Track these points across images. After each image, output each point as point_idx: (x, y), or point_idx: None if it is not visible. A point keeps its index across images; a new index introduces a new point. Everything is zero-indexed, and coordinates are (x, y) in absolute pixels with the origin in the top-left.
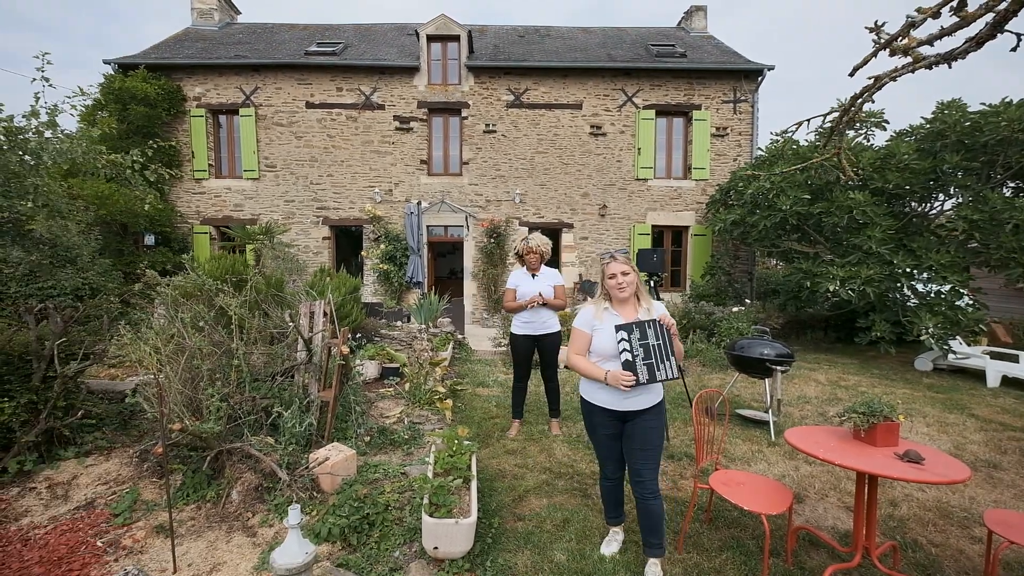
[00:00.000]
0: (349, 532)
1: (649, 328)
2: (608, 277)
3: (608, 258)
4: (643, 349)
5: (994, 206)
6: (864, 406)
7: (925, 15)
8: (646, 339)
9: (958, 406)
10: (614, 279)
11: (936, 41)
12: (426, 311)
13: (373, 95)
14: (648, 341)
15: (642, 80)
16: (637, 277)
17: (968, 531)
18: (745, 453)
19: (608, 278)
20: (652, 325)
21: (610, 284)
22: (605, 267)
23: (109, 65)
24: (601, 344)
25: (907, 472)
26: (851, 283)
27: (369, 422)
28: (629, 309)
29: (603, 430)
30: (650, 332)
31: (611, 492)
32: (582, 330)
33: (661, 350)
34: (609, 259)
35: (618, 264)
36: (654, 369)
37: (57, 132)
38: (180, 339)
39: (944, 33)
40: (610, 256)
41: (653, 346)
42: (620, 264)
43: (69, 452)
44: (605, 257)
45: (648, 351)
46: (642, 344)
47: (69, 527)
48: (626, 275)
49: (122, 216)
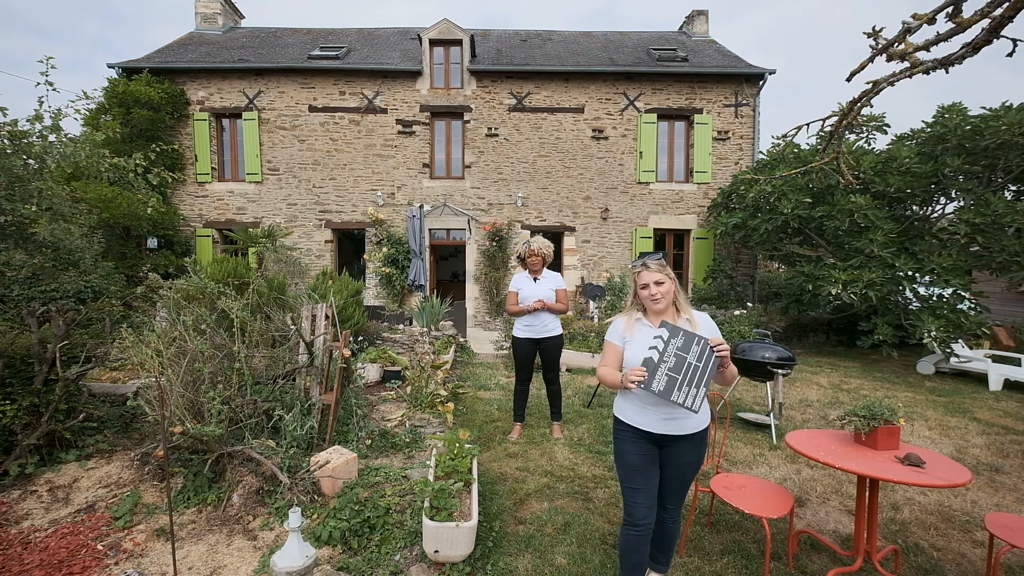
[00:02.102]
0: (350, 535)
1: (696, 345)
2: (640, 287)
3: (639, 265)
4: (676, 360)
5: (996, 209)
6: (865, 409)
7: (921, 21)
8: (686, 353)
9: (960, 409)
10: (647, 289)
11: (933, 47)
12: (428, 314)
13: (376, 99)
14: (687, 357)
15: (644, 84)
16: (675, 284)
17: (970, 535)
18: (747, 456)
19: (640, 288)
20: (700, 343)
21: (643, 295)
22: (636, 275)
23: (113, 69)
24: (635, 357)
25: (908, 475)
26: (853, 286)
27: (370, 425)
28: (666, 319)
29: (635, 454)
30: (695, 349)
31: (639, 546)
32: (614, 343)
33: (697, 373)
34: (640, 266)
35: (651, 272)
36: (675, 386)
37: (61, 136)
38: (182, 342)
39: (940, 39)
40: (641, 263)
41: (689, 364)
42: (653, 272)
43: (70, 455)
44: (636, 264)
45: (680, 365)
46: (678, 354)
47: (70, 530)
48: (660, 284)
49: (125, 219)
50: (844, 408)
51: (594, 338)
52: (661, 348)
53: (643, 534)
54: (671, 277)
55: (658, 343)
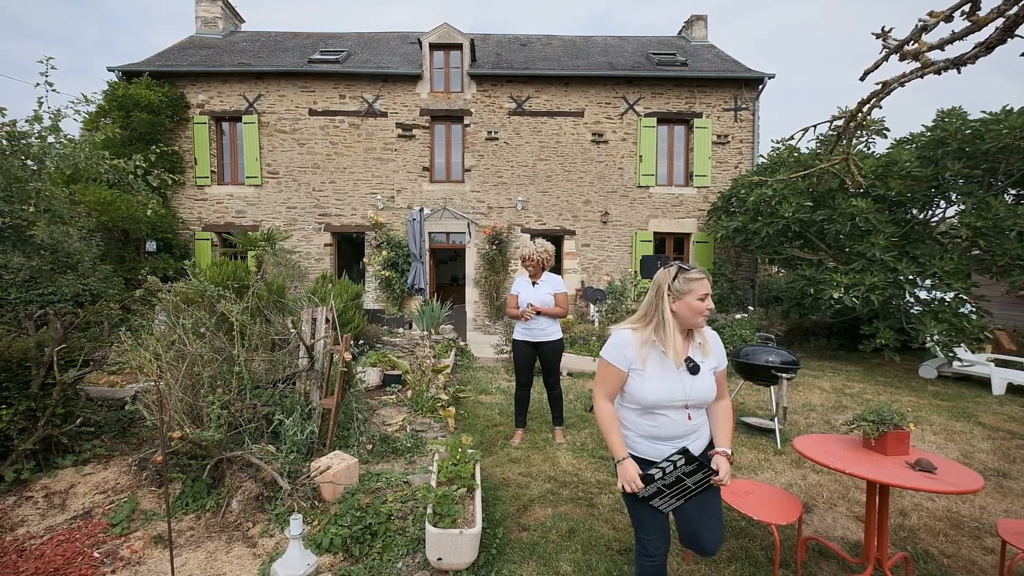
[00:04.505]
0: (351, 542)
1: (703, 474)
2: (699, 298)
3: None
4: (675, 480)
5: (997, 213)
6: (874, 414)
7: (937, 19)
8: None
9: (964, 414)
10: (704, 301)
11: (947, 45)
12: (428, 318)
13: (376, 102)
14: (687, 481)
15: (643, 88)
16: None
17: (979, 541)
18: (751, 462)
19: (698, 300)
20: (706, 475)
21: (697, 308)
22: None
23: (113, 72)
24: (645, 395)
25: (920, 481)
26: (855, 290)
27: (371, 430)
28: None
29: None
30: (699, 477)
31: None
32: (614, 365)
33: (686, 492)
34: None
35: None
36: (661, 496)
37: (60, 136)
38: (181, 346)
39: (956, 37)
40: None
41: (685, 487)
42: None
43: (67, 460)
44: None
45: (676, 485)
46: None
47: (66, 537)
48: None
49: (124, 222)
50: (848, 412)
51: (595, 342)
52: (669, 471)
53: (659, 562)
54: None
55: (667, 466)
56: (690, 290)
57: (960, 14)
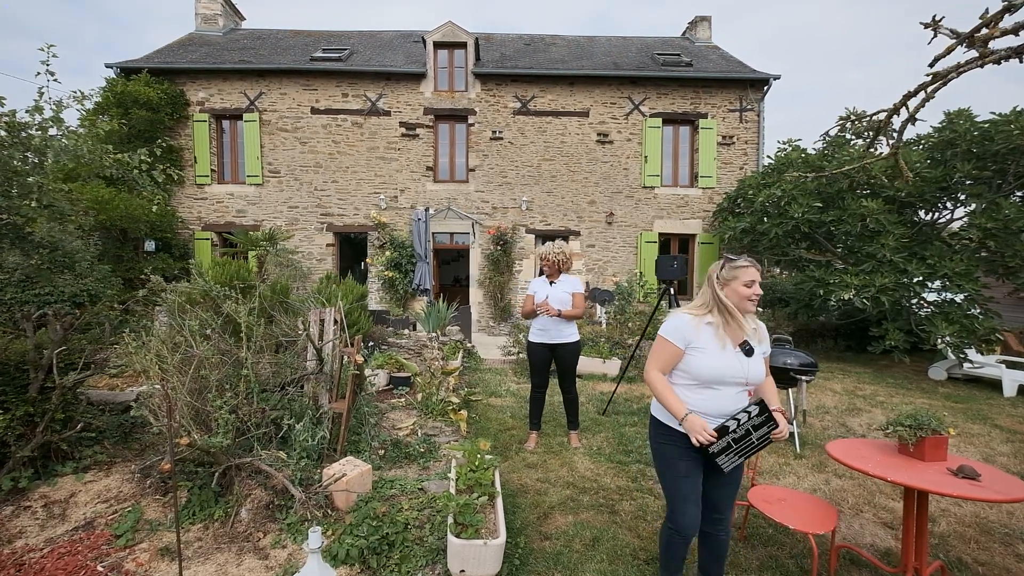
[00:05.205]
0: (368, 553)
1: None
2: (744, 284)
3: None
4: (744, 433)
5: (1007, 214)
6: (910, 419)
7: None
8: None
9: (980, 416)
10: (752, 287)
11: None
12: (435, 319)
13: (379, 101)
14: (753, 435)
15: (648, 89)
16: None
17: (1012, 548)
18: (772, 466)
19: (744, 286)
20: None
21: (744, 294)
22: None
23: (111, 69)
24: (704, 369)
25: (965, 489)
26: (865, 291)
27: (382, 434)
28: (734, 327)
29: (686, 462)
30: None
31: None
32: (672, 343)
33: (750, 448)
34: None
35: (754, 271)
36: (728, 452)
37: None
38: (188, 348)
39: None
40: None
41: (751, 441)
42: (756, 271)
43: (67, 467)
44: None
45: (744, 439)
46: (749, 429)
47: (67, 549)
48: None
49: (122, 221)
50: (863, 415)
51: (604, 343)
52: (743, 421)
53: (690, 537)
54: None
55: (742, 417)
56: (735, 277)
57: None
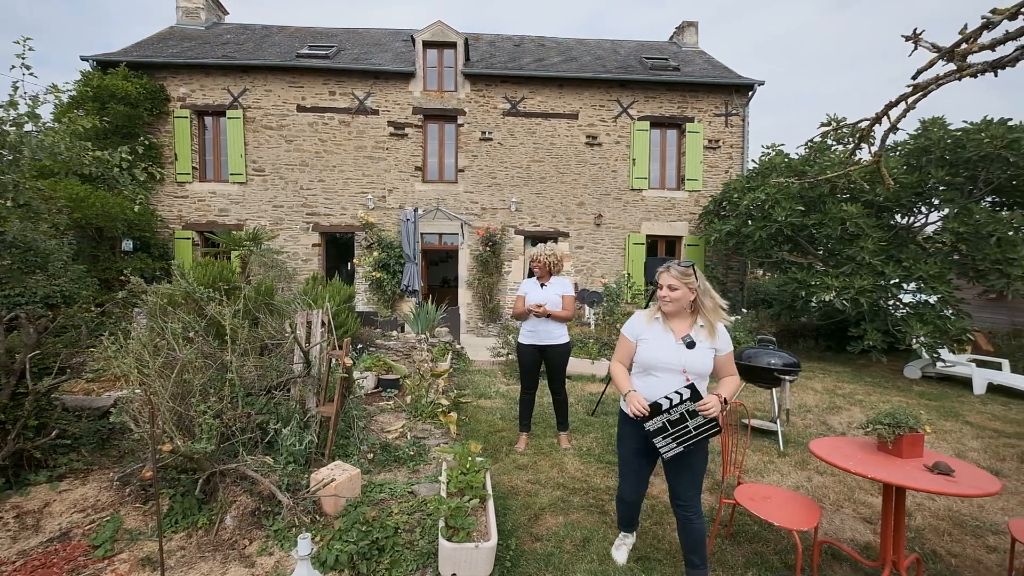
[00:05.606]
0: (358, 558)
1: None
2: (658, 287)
3: (664, 267)
4: (679, 418)
5: (978, 219)
6: (889, 417)
7: (1002, 16)
8: (691, 419)
9: (952, 413)
10: (662, 289)
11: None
12: (423, 320)
13: (367, 100)
14: (689, 423)
15: (637, 92)
16: (700, 296)
17: (982, 540)
18: (756, 464)
19: (660, 287)
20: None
21: (659, 293)
22: (658, 275)
23: (87, 62)
24: (645, 356)
25: (940, 485)
26: (845, 293)
27: (371, 438)
28: (683, 323)
29: (630, 443)
30: (700, 420)
31: (628, 510)
32: (626, 337)
33: (687, 437)
34: (664, 268)
35: (668, 276)
36: (664, 434)
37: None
38: (170, 351)
39: (1009, 37)
40: (666, 266)
41: (687, 428)
42: (670, 277)
43: (41, 476)
44: (662, 266)
45: (680, 424)
46: (684, 415)
47: (42, 562)
48: (674, 290)
49: (98, 220)
50: (843, 413)
51: (592, 344)
52: (676, 402)
53: (631, 507)
54: (692, 288)
55: (675, 397)
56: (658, 280)
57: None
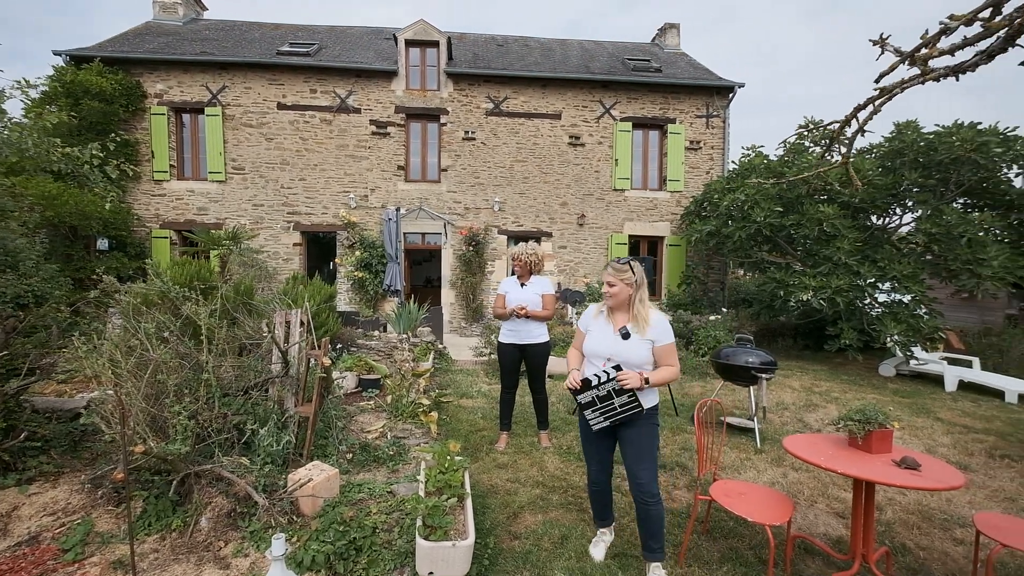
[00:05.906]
0: (335, 559)
1: (628, 398)
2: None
3: (611, 264)
4: (606, 394)
5: (949, 220)
6: (859, 413)
7: (959, 22)
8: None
9: (923, 410)
10: (604, 286)
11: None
12: (405, 320)
13: (349, 98)
14: (615, 400)
15: (619, 93)
16: (634, 290)
17: (950, 533)
18: (734, 461)
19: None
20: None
21: (604, 291)
22: (603, 272)
23: (60, 56)
24: (588, 345)
25: (906, 479)
26: (822, 292)
27: (350, 438)
28: (624, 316)
29: (588, 429)
30: (625, 399)
31: (597, 496)
32: (579, 328)
33: (612, 412)
34: (605, 266)
35: (607, 274)
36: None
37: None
38: (143, 351)
39: (967, 43)
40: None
41: (612, 404)
42: (609, 274)
43: (9, 479)
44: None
45: (607, 400)
46: (611, 392)
47: (10, 567)
48: (611, 286)
49: (72, 218)
50: (819, 410)
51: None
52: (603, 380)
53: (601, 487)
54: (628, 283)
55: (602, 375)
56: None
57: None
